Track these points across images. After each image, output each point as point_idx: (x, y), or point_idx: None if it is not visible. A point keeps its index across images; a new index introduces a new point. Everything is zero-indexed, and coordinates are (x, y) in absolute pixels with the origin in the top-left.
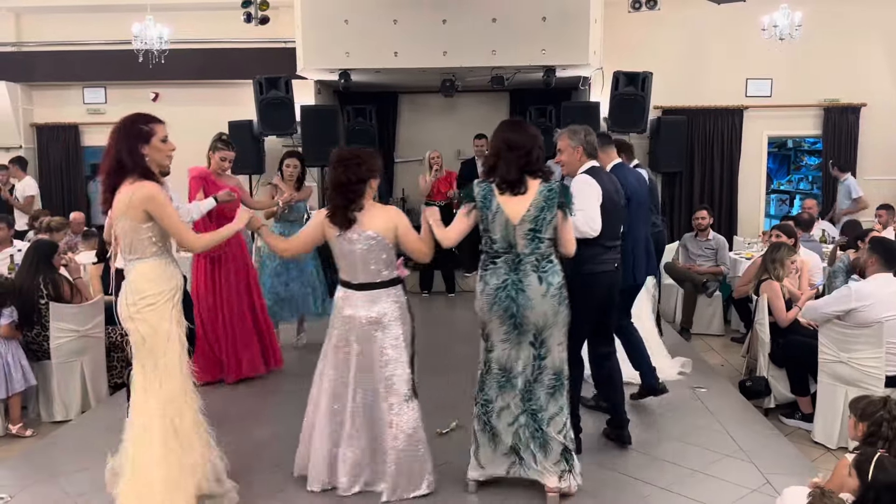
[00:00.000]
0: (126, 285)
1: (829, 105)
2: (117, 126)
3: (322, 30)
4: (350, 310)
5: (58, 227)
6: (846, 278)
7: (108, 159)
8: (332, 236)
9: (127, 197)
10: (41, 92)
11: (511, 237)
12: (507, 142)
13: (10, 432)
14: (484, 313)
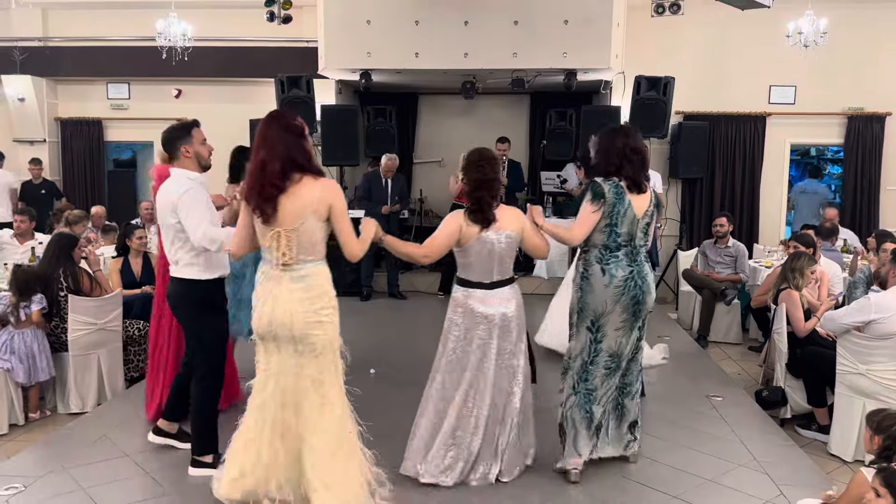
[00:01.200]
0: (307, 289)
1: (853, 113)
2: (279, 124)
3: (344, 30)
4: (484, 307)
5: (75, 221)
6: (866, 289)
7: (280, 160)
8: (470, 237)
9: (316, 194)
10: (66, 86)
11: (633, 231)
12: (631, 147)
13: (31, 419)
14: (606, 305)
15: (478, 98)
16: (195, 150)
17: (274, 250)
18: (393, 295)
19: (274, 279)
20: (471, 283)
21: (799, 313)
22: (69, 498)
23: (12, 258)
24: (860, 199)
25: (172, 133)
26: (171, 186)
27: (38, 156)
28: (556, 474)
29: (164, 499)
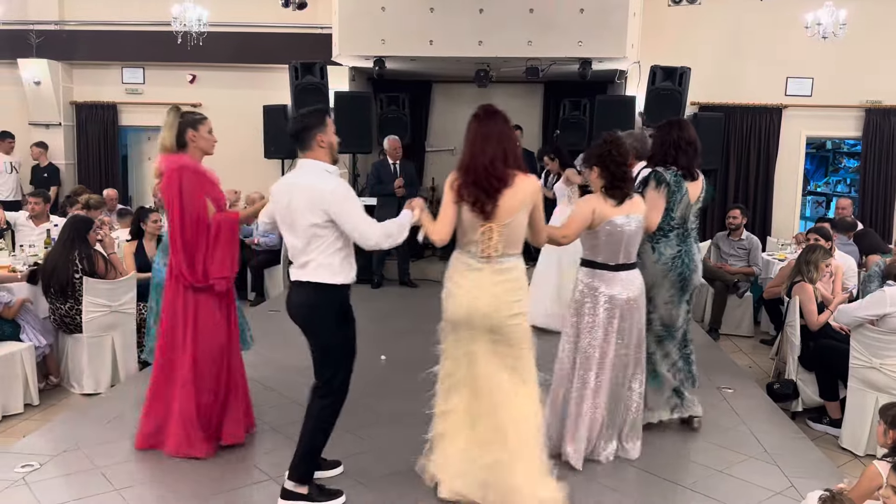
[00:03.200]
0: (509, 282)
1: (870, 106)
2: (502, 119)
3: (359, 16)
4: (610, 289)
5: (96, 205)
6: (881, 283)
7: (506, 156)
8: (602, 219)
9: (529, 190)
10: (81, 71)
11: (686, 214)
12: (686, 140)
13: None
14: (654, 279)
15: (491, 87)
16: (328, 140)
17: (480, 243)
18: (404, 283)
19: (476, 270)
20: (596, 264)
21: (812, 306)
22: (83, 476)
23: (28, 240)
24: (876, 193)
25: (307, 120)
26: (309, 181)
27: (54, 139)
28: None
29: (175, 479)
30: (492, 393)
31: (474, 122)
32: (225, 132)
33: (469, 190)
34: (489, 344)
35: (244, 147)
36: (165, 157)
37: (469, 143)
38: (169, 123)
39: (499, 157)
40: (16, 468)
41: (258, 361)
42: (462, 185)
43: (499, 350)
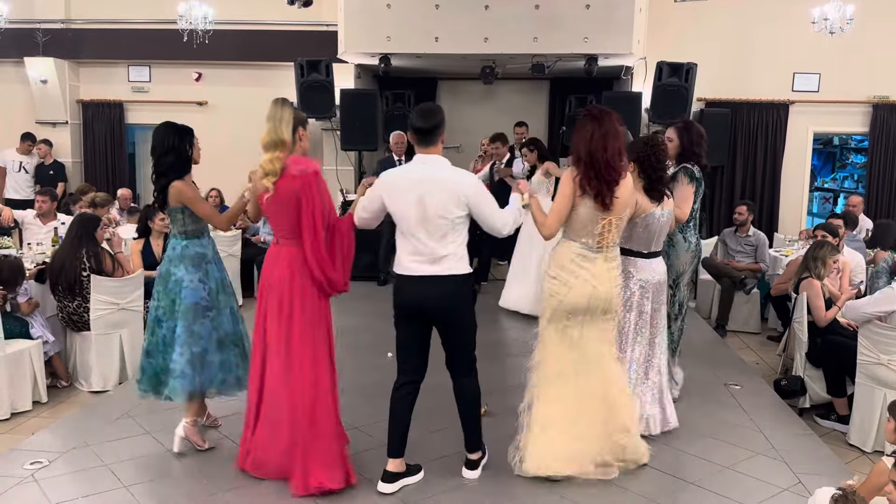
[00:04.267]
0: (617, 268)
1: (878, 102)
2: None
3: (364, 14)
4: (642, 274)
5: (103, 203)
6: (889, 279)
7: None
8: (645, 211)
9: (631, 186)
10: (88, 69)
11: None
12: (706, 139)
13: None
14: (685, 265)
15: (497, 83)
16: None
17: (598, 235)
18: None
19: (590, 260)
20: (631, 251)
21: (820, 302)
22: (91, 473)
23: (35, 238)
24: (883, 189)
25: (439, 117)
26: (446, 174)
27: (60, 137)
28: None
29: (183, 476)
30: (601, 369)
31: (592, 122)
32: (231, 130)
33: (592, 183)
34: (601, 323)
35: (250, 145)
36: (296, 159)
37: (587, 140)
38: (282, 118)
39: (617, 152)
40: (25, 465)
41: None
42: (584, 179)
43: (606, 327)
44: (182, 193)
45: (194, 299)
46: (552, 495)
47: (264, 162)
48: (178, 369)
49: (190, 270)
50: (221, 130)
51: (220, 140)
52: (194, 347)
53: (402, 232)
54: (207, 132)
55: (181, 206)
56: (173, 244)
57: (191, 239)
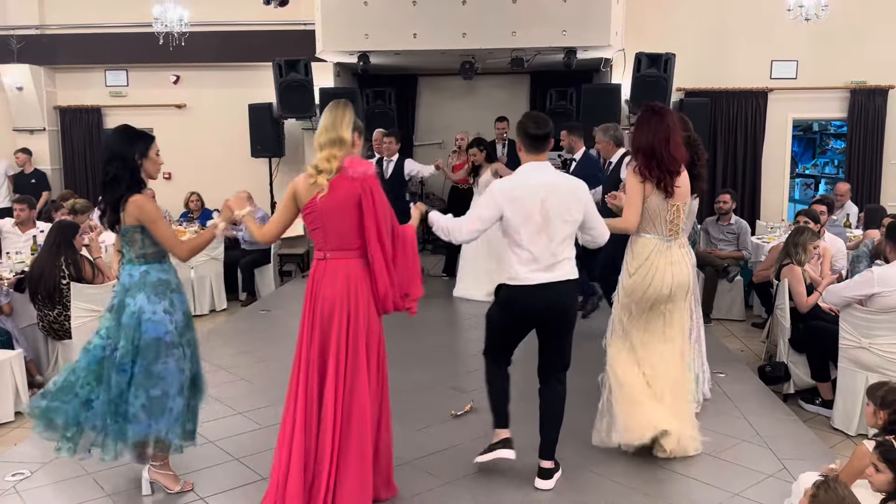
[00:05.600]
0: (689, 253)
1: (855, 87)
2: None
3: (341, 12)
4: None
5: (83, 210)
6: (870, 263)
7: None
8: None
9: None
10: (64, 74)
11: None
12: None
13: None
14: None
15: (477, 78)
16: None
17: (669, 223)
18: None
19: (665, 250)
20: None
21: (801, 288)
22: (75, 483)
23: (14, 247)
24: (863, 174)
25: (551, 125)
26: (563, 179)
27: (38, 144)
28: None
29: None
30: (674, 351)
31: (654, 116)
32: (210, 132)
33: (653, 172)
34: (681, 305)
35: (230, 147)
36: (354, 160)
37: (650, 132)
38: (343, 118)
39: (677, 142)
40: (6, 477)
41: (247, 362)
42: (645, 168)
43: (682, 308)
44: (143, 210)
45: (157, 334)
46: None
47: (319, 160)
48: (131, 412)
49: (152, 300)
50: (201, 132)
51: (199, 142)
52: (152, 390)
53: (516, 243)
54: (187, 135)
55: (139, 226)
56: (129, 270)
57: (151, 263)
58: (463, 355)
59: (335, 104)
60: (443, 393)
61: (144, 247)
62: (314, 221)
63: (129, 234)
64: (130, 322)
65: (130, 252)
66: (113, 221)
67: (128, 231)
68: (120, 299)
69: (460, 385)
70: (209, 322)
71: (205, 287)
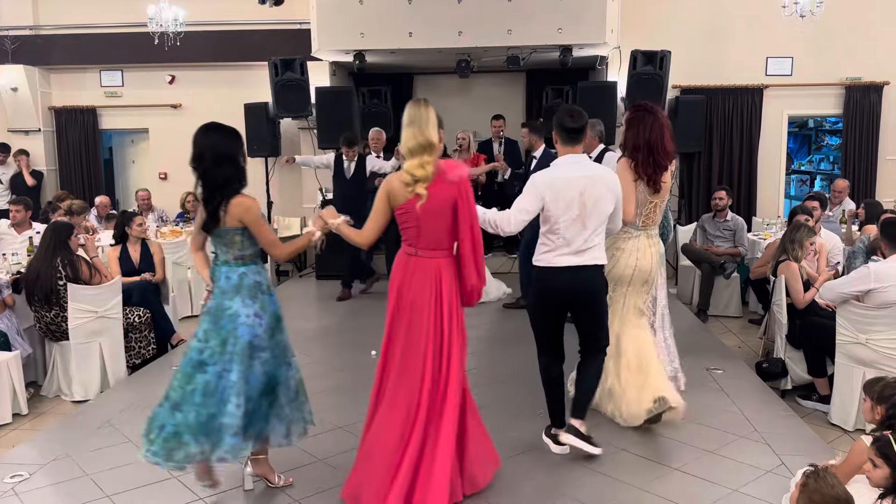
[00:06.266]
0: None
1: (850, 84)
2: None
3: (337, 11)
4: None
5: (79, 211)
6: (866, 259)
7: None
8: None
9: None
10: (59, 75)
11: None
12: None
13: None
14: None
15: (473, 77)
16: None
17: (643, 216)
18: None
19: (634, 238)
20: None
21: (798, 284)
22: (74, 485)
23: (10, 248)
24: (859, 170)
25: (586, 118)
26: (599, 171)
27: (34, 145)
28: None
29: (167, 482)
30: (638, 333)
31: (649, 115)
32: None
33: (647, 169)
34: (641, 294)
35: None
36: (449, 163)
37: (647, 130)
38: (427, 118)
39: (668, 139)
40: (5, 479)
41: None
42: (642, 166)
43: (644, 296)
44: (250, 211)
45: (249, 337)
46: (536, 482)
47: (412, 168)
48: (234, 424)
49: (247, 303)
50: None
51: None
52: (249, 392)
53: (553, 231)
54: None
55: (241, 227)
56: (226, 273)
57: (248, 265)
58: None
59: (416, 104)
60: None
61: (243, 248)
62: (408, 221)
63: (227, 235)
64: (228, 325)
65: (228, 254)
66: (211, 224)
67: (227, 232)
68: (218, 302)
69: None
70: None
71: (201, 287)
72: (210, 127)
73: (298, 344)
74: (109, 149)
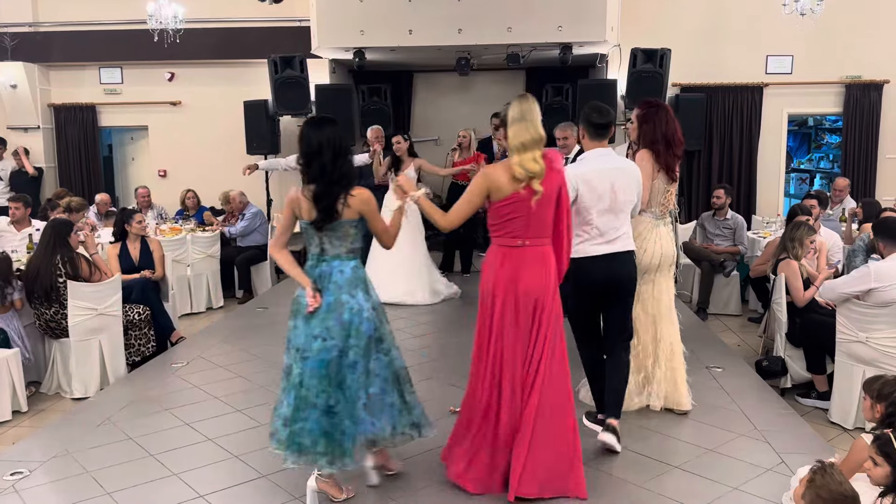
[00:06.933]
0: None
1: (850, 82)
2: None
3: (336, 8)
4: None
5: (78, 208)
6: (866, 257)
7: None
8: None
9: None
10: (58, 72)
11: None
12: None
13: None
14: None
15: (473, 74)
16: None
17: (661, 205)
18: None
19: (655, 226)
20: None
21: (798, 283)
22: (74, 482)
23: (10, 245)
24: (859, 168)
25: (613, 114)
26: (625, 164)
27: (33, 142)
28: None
29: (167, 480)
30: (664, 317)
31: (662, 110)
32: (206, 129)
33: (668, 160)
34: (666, 276)
35: (226, 144)
36: (551, 153)
37: (663, 124)
38: (537, 114)
39: (679, 130)
40: (5, 476)
41: (244, 360)
42: (663, 157)
43: (668, 275)
44: (369, 203)
45: (370, 331)
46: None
47: (527, 162)
48: (357, 414)
49: (365, 297)
50: (196, 130)
51: (195, 139)
52: (371, 388)
53: (586, 221)
54: (182, 132)
55: (357, 219)
56: (339, 266)
57: (357, 258)
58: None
59: (524, 100)
60: (441, 389)
61: (355, 241)
62: (515, 212)
63: (343, 228)
64: (353, 319)
65: (340, 247)
66: (328, 219)
67: (343, 225)
68: (335, 297)
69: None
70: (206, 319)
71: (201, 284)
72: (323, 120)
73: None
74: (109, 146)
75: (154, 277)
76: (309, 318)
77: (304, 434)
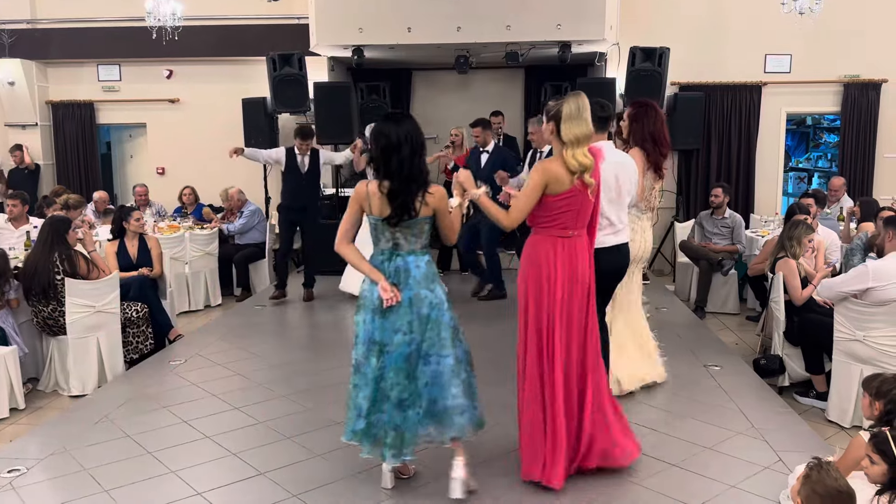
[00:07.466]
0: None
1: (849, 81)
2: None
3: (335, 6)
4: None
5: (76, 205)
6: (864, 256)
7: None
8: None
9: None
10: (56, 69)
11: None
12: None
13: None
14: None
15: (472, 73)
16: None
17: (649, 200)
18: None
19: (640, 220)
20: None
21: (796, 281)
22: (71, 479)
23: (7, 242)
24: (856, 167)
25: (612, 108)
26: (624, 158)
27: (31, 140)
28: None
29: (165, 477)
30: (633, 304)
31: (651, 110)
32: (204, 127)
33: (657, 158)
34: (639, 269)
35: (224, 141)
36: (593, 148)
37: (652, 123)
38: (589, 111)
39: (666, 130)
40: (2, 473)
41: (242, 358)
42: (653, 155)
43: (640, 272)
44: (443, 199)
45: (452, 322)
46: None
47: (580, 156)
48: (459, 404)
49: (441, 289)
50: (195, 127)
51: (193, 137)
52: (461, 375)
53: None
54: (180, 129)
55: (430, 216)
56: (414, 262)
57: (428, 253)
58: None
59: (577, 97)
60: None
61: (427, 237)
62: (570, 205)
63: (418, 224)
64: (432, 313)
65: (416, 243)
66: (405, 215)
67: (418, 222)
68: (415, 291)
69: None
70: (204, 317)
71: (199, 282)
72: (402, 116)
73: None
74: (107, 143)
75: (152, 275)
76: (385, 312)
77: (380, 426)
